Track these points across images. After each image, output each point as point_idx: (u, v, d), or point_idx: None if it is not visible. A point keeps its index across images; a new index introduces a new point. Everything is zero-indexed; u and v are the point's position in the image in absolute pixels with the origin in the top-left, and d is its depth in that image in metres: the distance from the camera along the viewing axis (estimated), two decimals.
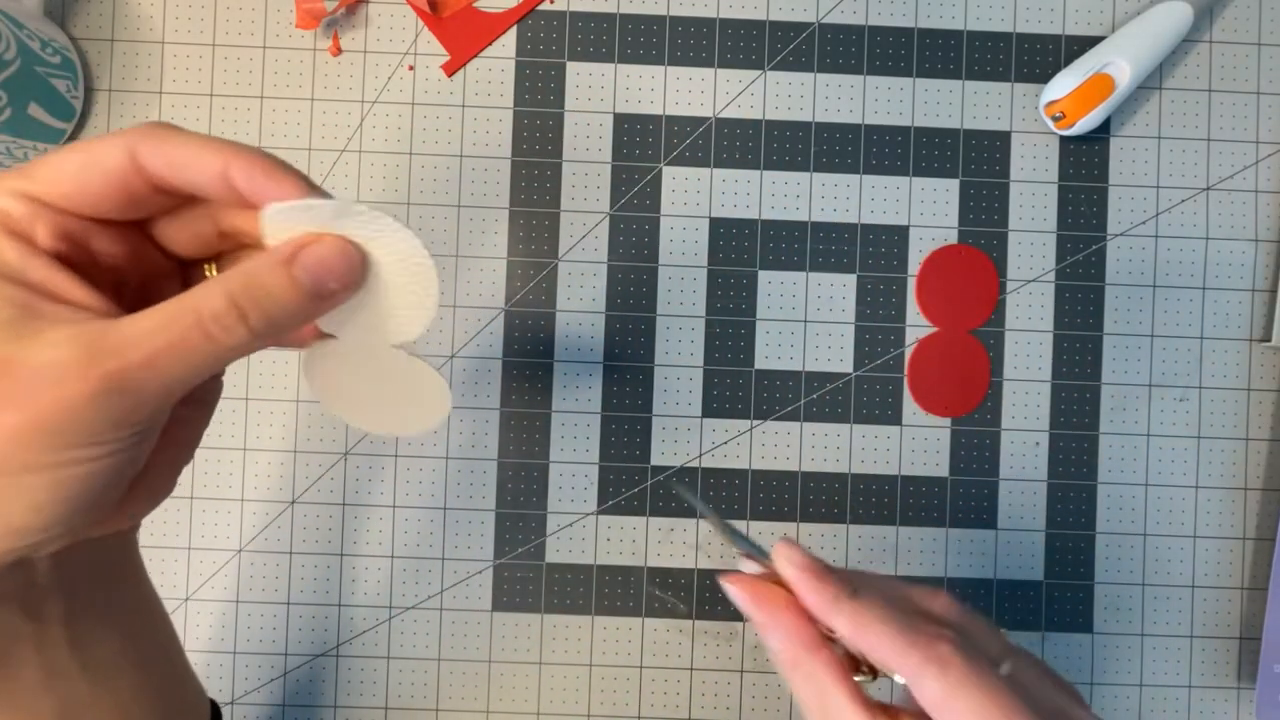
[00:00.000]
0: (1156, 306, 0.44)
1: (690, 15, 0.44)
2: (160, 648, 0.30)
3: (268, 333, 0.22)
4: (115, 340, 0.20)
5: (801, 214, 0.44)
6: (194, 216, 0.25)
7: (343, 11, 0.43)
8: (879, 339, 0.44)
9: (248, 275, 0.22)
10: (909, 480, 0.44)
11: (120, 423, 0.21)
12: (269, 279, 0.22)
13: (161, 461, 0.25)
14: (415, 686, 0.43)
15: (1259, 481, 0.44)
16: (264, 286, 0.22)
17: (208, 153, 0.22)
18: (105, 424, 0.20)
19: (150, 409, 0.21)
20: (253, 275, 0.22)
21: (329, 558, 0.43)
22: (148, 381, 0.20)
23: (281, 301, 0.22)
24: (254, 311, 0.22)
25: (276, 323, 0.22)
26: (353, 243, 0.23)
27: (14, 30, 0.38)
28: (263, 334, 0.22)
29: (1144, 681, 0.44)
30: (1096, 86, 0.42)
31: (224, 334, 0.21)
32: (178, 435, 0.26)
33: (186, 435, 0.26)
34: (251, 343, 0.22)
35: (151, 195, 0.23)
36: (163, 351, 0.20)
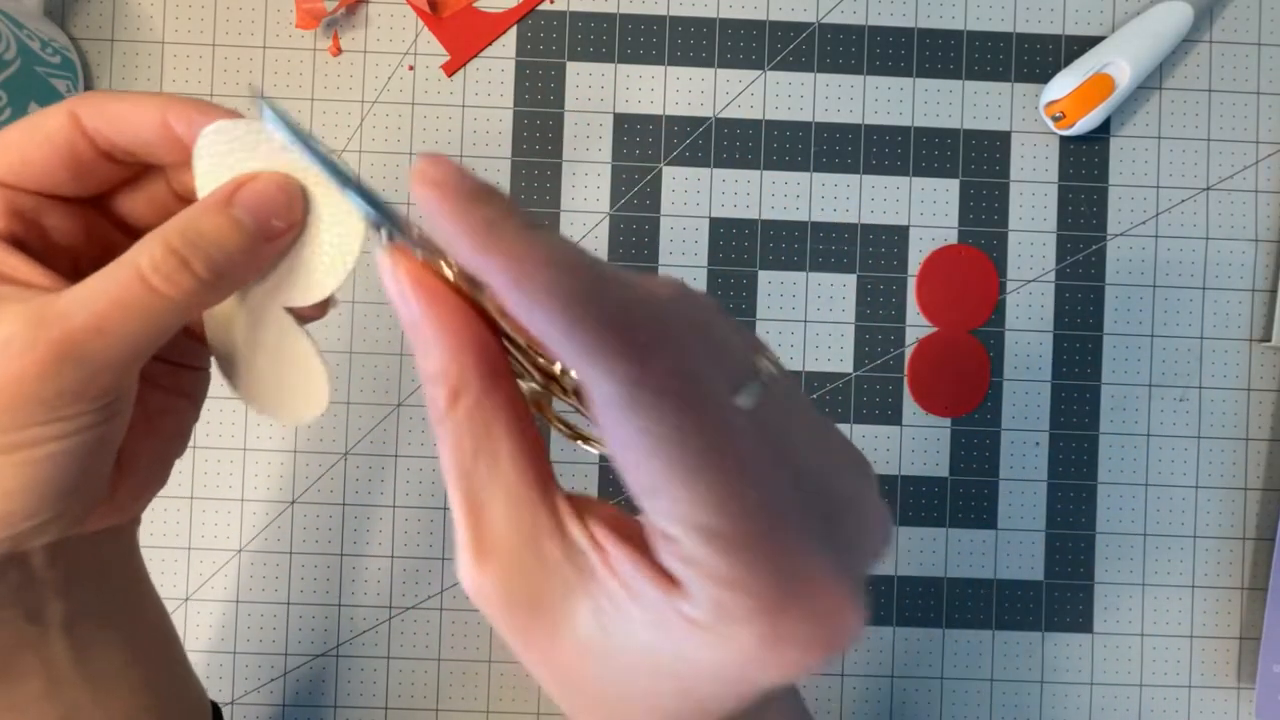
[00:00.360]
0: (1156, 306, 0.44)
1: (690, 15, 0.44)
2: (162, 652, 0.29)
3: (216, 280, 0.21)
4: (60, 308, 0.20)
5: (801, 214, 0.44)
6: (150, 187, 0.24)
7: (343, 11, 0.43)
8: (879, 339, 0.44)
9: (185, 220, 0.21)
10: (909, 480, 0.44)
11: (79, 394, 0.20)
12: (208, 222, 0.21)
13: (148, 452, 0.25)
14: (415, 686, 0.43)
15: (1259, 481, 0.44)
16: (203, 230, 0.21)
17: (146, 104, 0.21)
18: (62, 397, 0.20)
19: (108, 377, 0.20)
20: (191, 220, 0.21)
21: (329, 558, 0.43)
22: (99, 347, 0.20)
23: (224, 244, 0.21)
24: (196, 257, 0.20)
25: (223, 268, 0.21)
26: (292, 177, 0.22)
27: (14, 30, 0.38)
28: (211, 282, 0.21)
29: (1144, 681, 0.44)
30: (1096, 86, 0.42)
31: (168, 285, 0.20)
32: (163, 426, 0.25)
33: (173, 426, 0.26)
34: (202, 292, 0.21)
35: (100, 163, 0.22)
36: (108, 312, 0.20)
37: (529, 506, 0.18)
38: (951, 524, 0.44)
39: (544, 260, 0.15)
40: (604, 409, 0.16)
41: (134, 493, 0.25)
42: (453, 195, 0.15)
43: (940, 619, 0.44)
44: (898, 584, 0.44)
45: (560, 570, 0.17)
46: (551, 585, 0.17)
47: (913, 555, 0.44)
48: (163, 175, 0.24)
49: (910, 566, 0.44)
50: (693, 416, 0.15)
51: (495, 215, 0.15)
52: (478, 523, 0.18)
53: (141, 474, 0.25)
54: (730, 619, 0.16)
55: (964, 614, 0.44)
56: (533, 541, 0.18)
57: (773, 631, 0.16)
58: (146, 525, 0.43)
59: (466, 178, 0.16)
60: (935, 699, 0.43)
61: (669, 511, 0.16)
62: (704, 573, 0.16)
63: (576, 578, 0.17)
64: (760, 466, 0.16)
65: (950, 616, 0.44)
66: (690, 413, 0.15)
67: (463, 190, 0.16)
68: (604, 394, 0.15)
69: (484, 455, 0.18)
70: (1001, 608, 0.44)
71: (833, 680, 0.44)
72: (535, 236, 0.15)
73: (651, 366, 0.15)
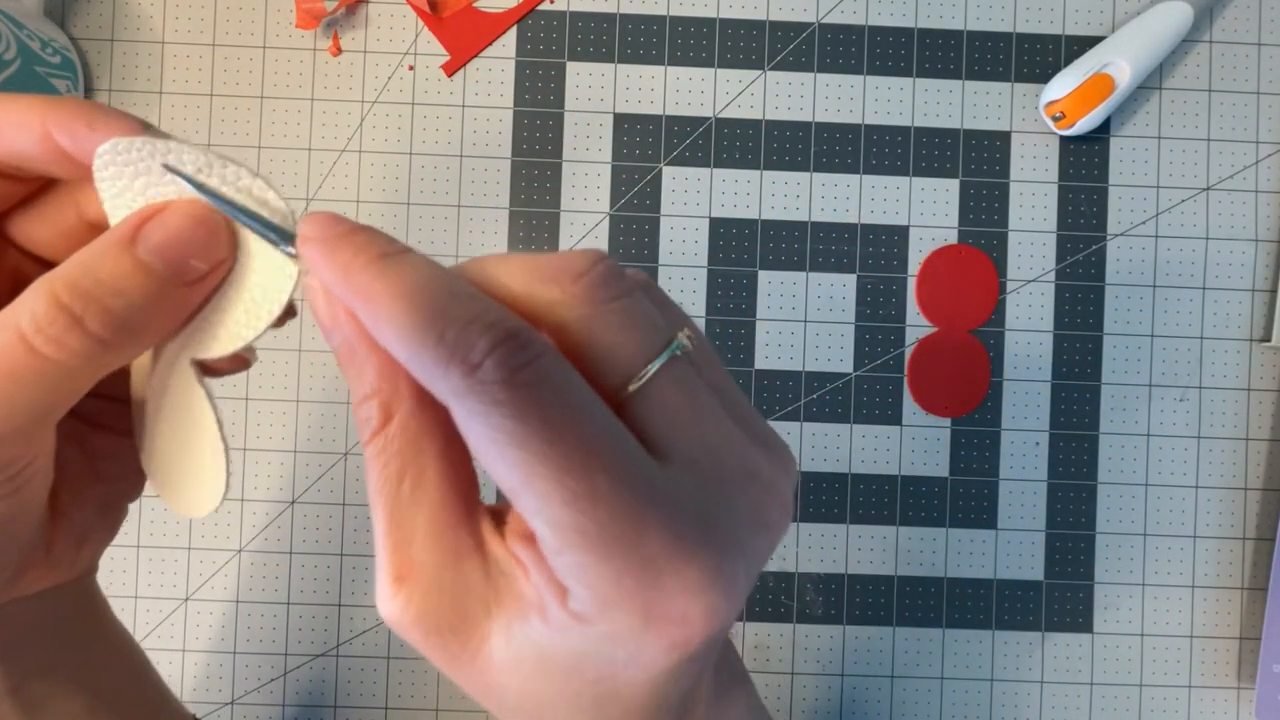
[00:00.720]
0: (1156, 306, 0.44)
1: (690, 15, 0.44)
2: (131, 690, 0.27)
3: (120, 339, 0.17)
4: None
5: (801, 214, 0.44)
6: (52, 206, 0.20)
7: (343, 11, 0.43)
8: (879, 339, 0.44)
9: (79, 266, 0.17)
10: (909, 480, 0.44)
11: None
12: (107, 267, 0.17)
13: (91, 500, 0.22)
14: (415, 686, 0.43)
15: (1259, 481, 0.44)
16: (100, 278, 0.17)
17: (23, 110, 0.18)
18: None
19: (3, 451, 0.17)
20: (85, 265, 0.17)
21: (329, 558, 0.43)
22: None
23: (127, 294, 0.17)
24: (91, 312, 0.17)
25: (127, 324, 0.17)
26: (210, 205, 0.18)
27: (14, 30, 0.38)
28: (113, 341, 0.17)
29: (1144, 681, 0.44)
30: (1096, 86, 0.42)
31: (56, 348, 0.17)
32: (108, 469, 0.22)
33: (119, 469, 0.22)
34: (102, 354, 0.17)
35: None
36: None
37: (451, 528, 0.18)
38: (951, 524, 0.44)
39: (386, 293, 0.16)
40: (458, 421, 0.16)
41: (75, 546, 0.22)
42: (319, 246, 0.17)
43: (940, 619, 0.44)
44: (898, 584, 0.44)
45: (480, 591, 0.17)
46: (472, 607, 0.17)
47: (913, 555, 0.44)
48: (69, 193, 0.20)
49: (910, 566, 0.44)
50: (531, 419, 0.16)
51: (349, 256, 0.17)
52: (398, 546, 0.17)
53: (84, 525, 0.22)
54: (608, 606, 0.16)
55: (964, 614, 0.44)
56: (454, 563, 0.17)
57: (647, 612, 0.16)
58: (147, 525, 0.43)
59: (336, 225, 0.17)
60: (935, 699, 0.43)
61: (529, 509, 0.16)
62: (573, 566, 0.16)
63: (495, 597, 0.17)
64: (618, 454, 0.16)
65: (950, 616, 0.44)
66: (528, 416, 0.16)
67: (328, 239, 0.17)
68: (452, 408, 0.16)
69: (410, 475, 0.18)
70: (1001, 608, 0.44)
71: (832, 680, 0.44)
72: (382, 271, 0.16)
73: (481, 376, 0.16)
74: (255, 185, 0.18)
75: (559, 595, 0.17)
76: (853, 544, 0.44)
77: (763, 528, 0.18)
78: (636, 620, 0.16)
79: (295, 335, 0.43)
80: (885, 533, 0.44)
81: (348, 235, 0.17)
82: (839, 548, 0.44)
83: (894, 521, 0.44)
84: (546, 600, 0.17)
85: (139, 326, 0.18)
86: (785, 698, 0.43)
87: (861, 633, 0.44)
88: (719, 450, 0.18)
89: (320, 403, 0.43)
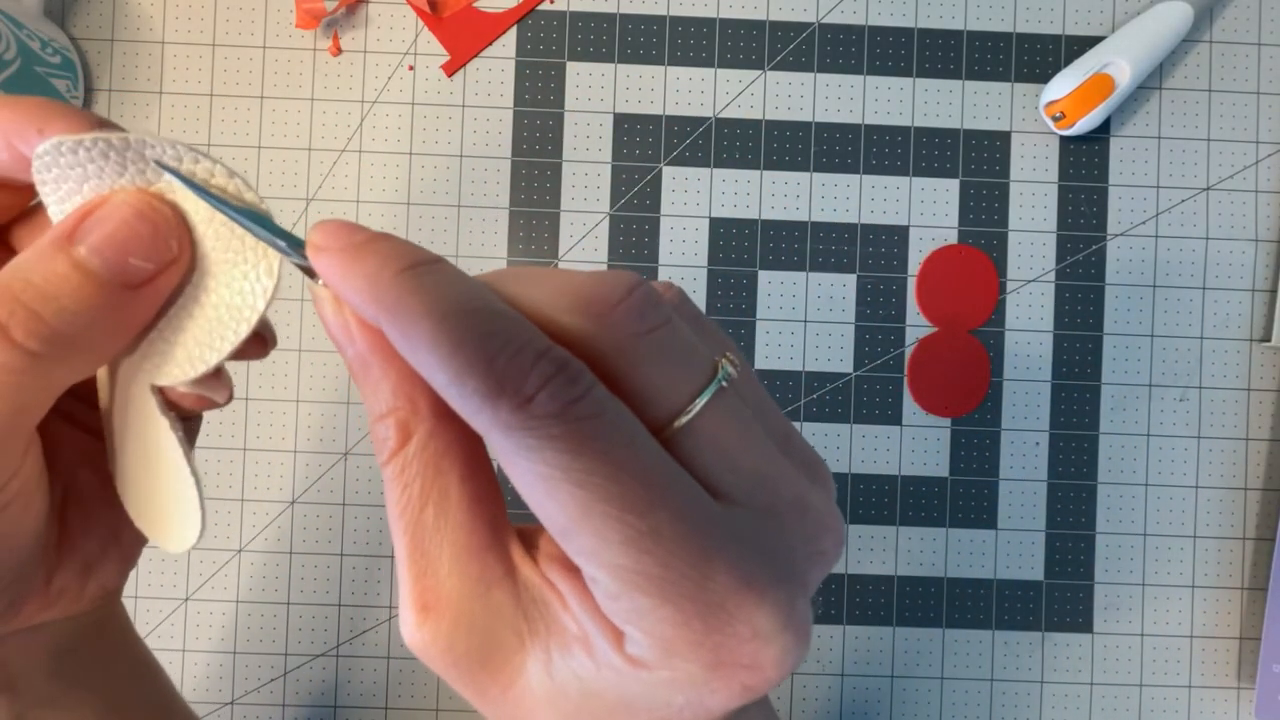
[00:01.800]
0: (1156, 306, 0.44)
1: (690, 15, 0.44)
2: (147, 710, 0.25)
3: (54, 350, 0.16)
4: None
5: (801, 214, 0.44)
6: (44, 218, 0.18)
7: (343, 11, 0.43)
8: (879, 339, 0.44)
9: (10, 269, 0.15)
10: (909, 480, 0.44)
11: None
12: (39, 269, 0.15)
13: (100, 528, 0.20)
14: (415, 686, 0.43)
15: (1259, 481, 0.44)
16: (31, 280, 0.15)
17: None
18: None
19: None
20: (15, 270, 0.15)
21: (329, 558, 0.43)
22: None
23: (60, 299, 0.15)
24: (18, 320, 0.15)
25: (60, 333, 0.15)
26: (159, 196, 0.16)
27: (14, 30, 0.38)
28: (46, 353, 0.15)
29: (1144, 681, 0.44)
30: (1096, 86, 0.42)
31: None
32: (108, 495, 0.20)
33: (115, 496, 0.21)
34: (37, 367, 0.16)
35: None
36: None
37: (478, 554, 0.17)
38: (951, 524, 0.44)
39: (421, 312, 0.14)
40: (499, 455, 0.15)
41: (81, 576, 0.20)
42: (338, 257, 0.15)
43: (940, 619, 0.44)
44: (897, 584, 0.44)
45: (512, 619, 0.16)
46: (503, 636, 0.16)
47: (913, 555, 0.44)
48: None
49: (910, 566, 0.44)
50: (587, 454, 0.15)
51: (374, 268, 0.15)
52: (423, 574, 0.16)
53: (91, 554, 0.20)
54: (670, 654, 0.15)
55: (964, 614, 0.44)
56: (482, 591, 0.16)
57: (715, 659, 0.15)
58: None
59: (354, 234, 0.15)
60: (935, 699, 0.43)
61: (584, 551, 0.15)
62: (632, 611, 0.15)
63: (529, 627, 0.16)
64: (677, 491, 0.15)
65: (950, 616, 0.44)
66: (584, 451, 0.15)
67: (347, 249, 0.15)
68: (494, 441, 0.15)
69: (433, 497, 0.16)
70: (1001, 608, 0.44)
71: (832, 680, 0.44)
72: (415, 285, 0.15)
73: (535, 410, 0.14)
74: (232, 184, 0.16)
75: (613, 638, 0.16)
76: (853, 544, 0.44)
77: (819, 559, 0.17)
78: (703, 668, 0.15)
79: (295, 335, 0.43)
80: (885, 533, 0.44)
81: (370, 244, 0.15)
82: None
83: (894, 521, 0.44)
84: (594, 639, 0.16)
85: (76, 338, 0.16)
86: (786, 698, 0.43)
87: (861, 633, 0.44)
88: (773, 482, 0.17)
89: (320, 403, 0.43)
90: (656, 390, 0.16)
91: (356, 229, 0.16)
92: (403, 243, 0.16)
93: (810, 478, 0.18)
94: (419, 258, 0.15)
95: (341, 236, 0.15)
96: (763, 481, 0.17)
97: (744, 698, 0.16)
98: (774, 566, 0.16)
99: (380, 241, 0.15)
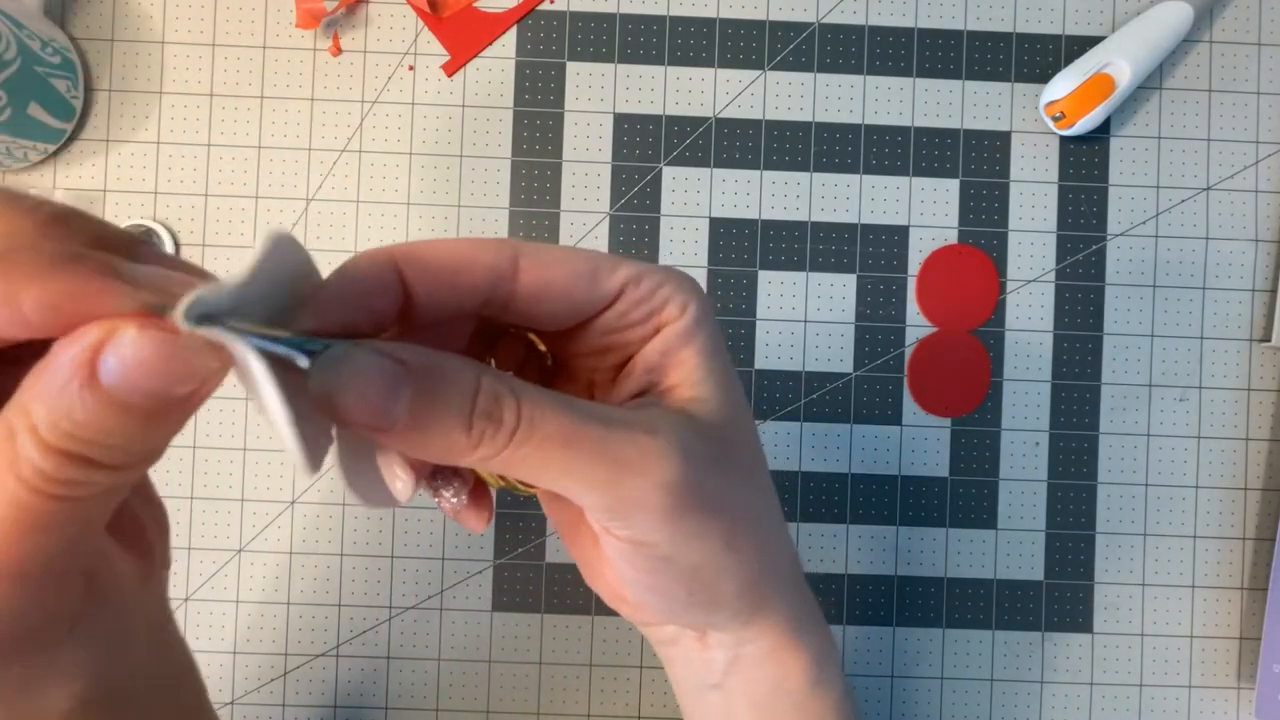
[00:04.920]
0: (1156, 306, 0.44)
1: (690, 15, 0.44)
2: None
3: (135, 461, 0.16)
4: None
5: (801, 214, 0.44)
6: None
7: (343, 11, 0.43)
8: (879, 339, 0.44)
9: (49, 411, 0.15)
10: (909, 480, 0.44)
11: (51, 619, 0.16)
12: (76, 413, 0.15)
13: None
14: (415, 686, 0.43)
15: (1259, 481, 0.44)
16: (79, 421, 0.15)
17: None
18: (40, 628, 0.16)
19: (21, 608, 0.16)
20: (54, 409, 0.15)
21: (329, 558, 0.43)
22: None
23: (115, 434, 0.15)
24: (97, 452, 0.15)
25: (132, 450, 0.16)
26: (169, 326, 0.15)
27: (14, 30, 0.38)
28: (131, 464, 0.16)
29: (1144, 681, 0.44)
30: (1096, 86, 0.42)
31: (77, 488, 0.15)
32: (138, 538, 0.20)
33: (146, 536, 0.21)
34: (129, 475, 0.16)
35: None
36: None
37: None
38: (951, 524, 0.44)
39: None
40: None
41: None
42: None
43: (940, 619, 0.44)
44: (898, 584, 0.44)
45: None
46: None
47: (913, 555, 0.44)
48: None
49: (910, 566, 0.44)
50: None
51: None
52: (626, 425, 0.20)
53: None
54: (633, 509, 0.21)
55: (964, 614, 0.44)
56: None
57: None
58: None
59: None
60: (935, 699, 0.43)
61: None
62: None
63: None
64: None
65: (950, 616, 0.44)
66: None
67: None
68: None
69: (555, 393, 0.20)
70: (1001, 608, 0.44)
71: None
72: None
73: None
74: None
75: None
76: (853, 544, 0.44)
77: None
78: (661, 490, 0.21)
79: None
80: (885, 533, 0.44)
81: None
82: (839, 548, 0.44)
83: (894, 521, 0.44)
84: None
85: (147, 448, 0.16)
86: None
87: (861, 633, 0.44)
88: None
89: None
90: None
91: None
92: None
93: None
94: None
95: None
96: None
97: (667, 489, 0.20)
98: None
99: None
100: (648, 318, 0.23)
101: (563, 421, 0.19)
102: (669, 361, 0.23)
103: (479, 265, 0.21)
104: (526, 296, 0.21)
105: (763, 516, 0.24)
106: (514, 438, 0.19)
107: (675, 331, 0.22)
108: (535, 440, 0.19)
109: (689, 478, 0.20)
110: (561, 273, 0.21)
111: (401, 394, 0.18)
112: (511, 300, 0.21)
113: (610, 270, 0.22)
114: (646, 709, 0.43)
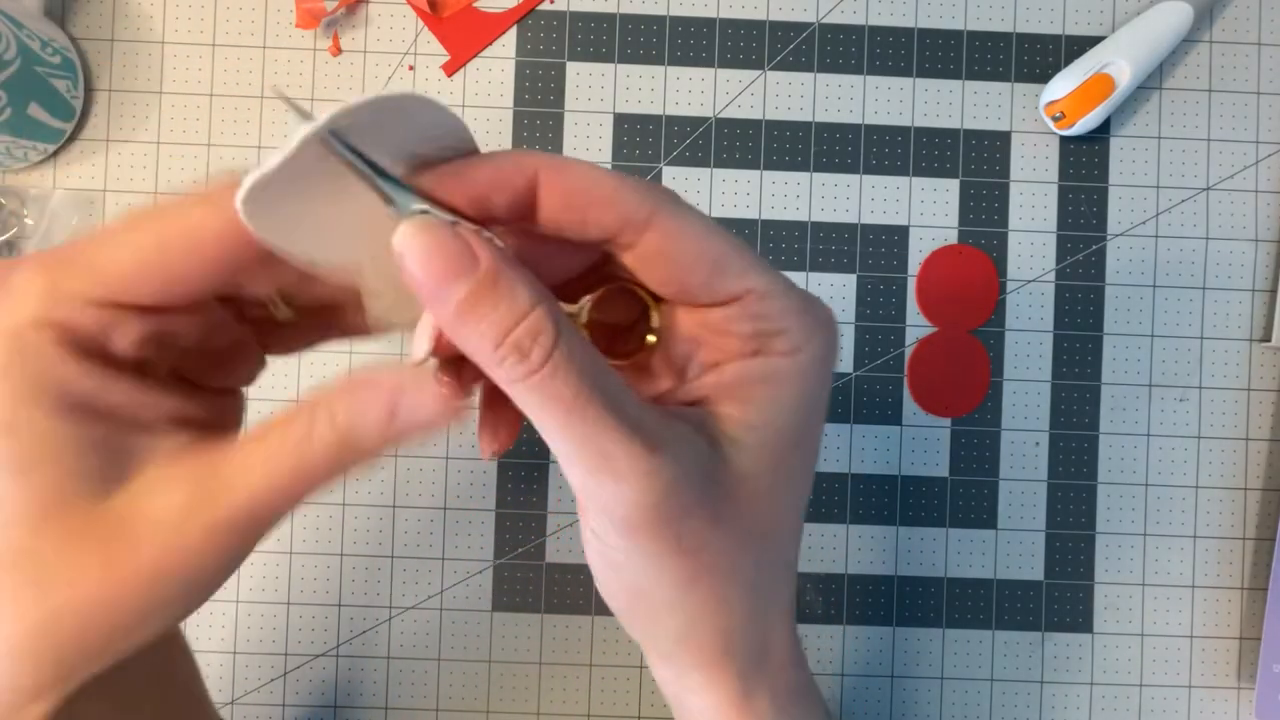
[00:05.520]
0: (1156, 306, 0.44)
1: (690, 15, 0.44)
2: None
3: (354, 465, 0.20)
4: (226, 481, 0.19)
5: (801, 214, 0.44)
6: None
7: (343, 11, 0.43)
8: (879, 339, 0.44)
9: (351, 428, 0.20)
10: (909, 480, 0.44)
11: (232, 565, 0.20)
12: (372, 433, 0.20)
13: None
14: (415, 686, 0.43)
15: (1259, 481, 0.44)
16: (363, 436, 0.20)
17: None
18: (219, 569, 0.19)
19: (254, 544, 0.20)
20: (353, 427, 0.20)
21: (329, 558, 0.43)
22: (259, 521, 0.19)
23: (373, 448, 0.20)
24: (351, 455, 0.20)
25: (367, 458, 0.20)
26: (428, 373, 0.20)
27: (14, 30, 0.38)
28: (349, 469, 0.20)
29: (1144, 681, 0.44)
30: (1096, 86, 0.42)
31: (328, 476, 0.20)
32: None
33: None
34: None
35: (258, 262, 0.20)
36: (275, 493, 0.19)
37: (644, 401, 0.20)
38: (951, 524, 0.44)
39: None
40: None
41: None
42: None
43: (940, 619, 0.44)
44: (898, 584, 0.44)
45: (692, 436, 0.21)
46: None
47: (912, 555, 0.44)
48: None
49: (910, 566, 0.44)
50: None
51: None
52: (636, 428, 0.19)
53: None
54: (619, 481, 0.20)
55: (964, 614, 0.44)
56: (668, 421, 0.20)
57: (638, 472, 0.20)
58: None
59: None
60: (935, 699, 0.43)
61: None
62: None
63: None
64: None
65: (950, 616, 0.44)
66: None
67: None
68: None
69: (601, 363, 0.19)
70: (1001, 608, 0.44)
71: (832, 680, 0.44)
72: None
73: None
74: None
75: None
76: (853, 544, 0.44)
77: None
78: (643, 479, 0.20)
79: None
80: (885, 533, 0.44)
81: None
82: (839, 548, 0.44)
83: (894, 521, 0.44)
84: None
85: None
86: None
87: (861, 633, 0.44)
88: None
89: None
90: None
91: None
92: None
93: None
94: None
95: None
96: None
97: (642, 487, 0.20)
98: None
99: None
100: (753, 335, 0.21)
101: (579, 390, 0.19)
102: (742, 392, 0.21)
103: (616, 208, 0.20)
104: (644, 255, 0.21)
105: (757, 587, 0.22)
106: (529, 379, 0.18)
107: (767, 367, 0.21)
108: (544, 391, 0.19)
109: (660, 509, 0.20)
110: (687, 248, 0.21)
111: (459, 286, 0.18)
112: (630, 251, 0.21)
113: (737, 271, 0.21)
114: (646, 709, 0.43)
